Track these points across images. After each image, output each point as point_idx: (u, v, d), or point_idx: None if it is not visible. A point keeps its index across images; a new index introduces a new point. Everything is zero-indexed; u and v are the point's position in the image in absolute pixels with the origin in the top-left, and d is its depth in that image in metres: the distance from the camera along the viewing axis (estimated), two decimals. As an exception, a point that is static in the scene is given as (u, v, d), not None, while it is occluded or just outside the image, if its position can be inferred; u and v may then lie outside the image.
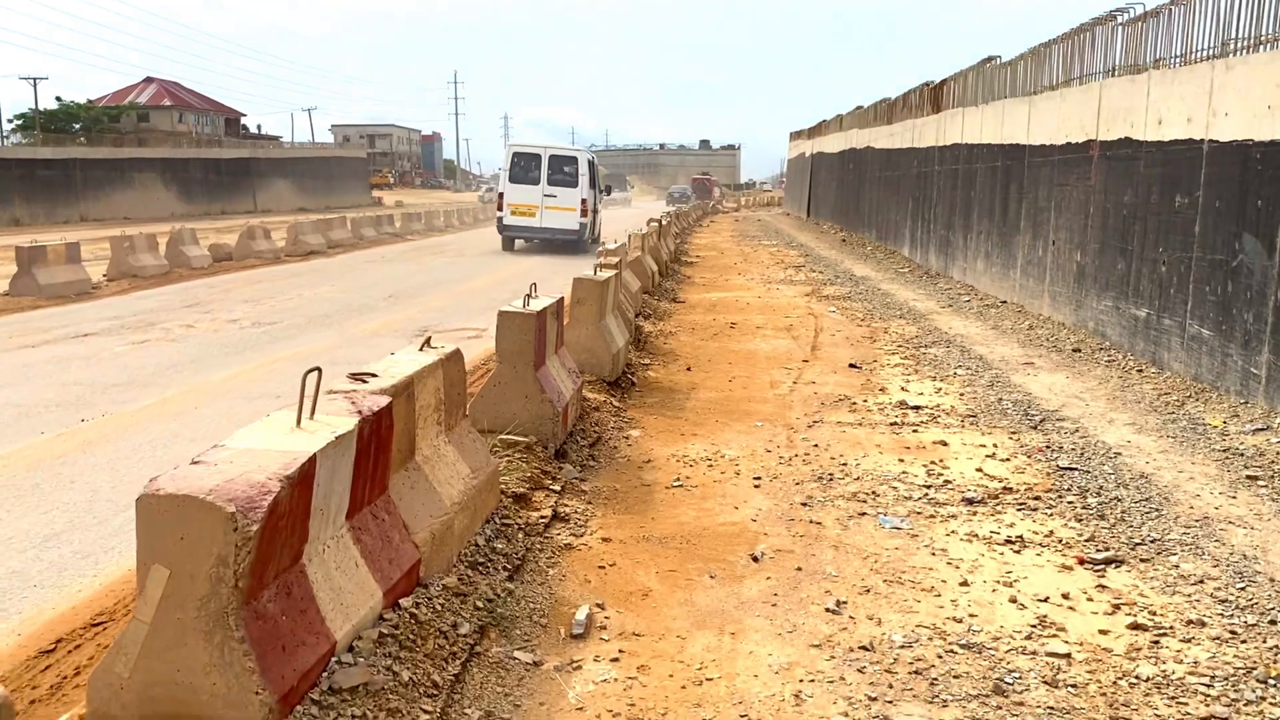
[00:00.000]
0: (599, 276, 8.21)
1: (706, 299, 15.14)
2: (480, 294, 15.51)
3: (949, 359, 10.04)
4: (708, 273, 19.45)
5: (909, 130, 21.81)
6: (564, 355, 6.70)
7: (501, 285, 16.75)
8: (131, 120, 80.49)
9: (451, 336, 11.14)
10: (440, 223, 36.63)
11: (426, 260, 22.33)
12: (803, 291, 16.26)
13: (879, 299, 15.15)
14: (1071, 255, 11.44)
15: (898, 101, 23.72)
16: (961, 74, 17.52)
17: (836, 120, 36.14)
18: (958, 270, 17.13)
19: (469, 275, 18.80)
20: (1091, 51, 11.13)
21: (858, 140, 29.80)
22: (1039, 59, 13.11)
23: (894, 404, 8.04)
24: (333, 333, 11.52)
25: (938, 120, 19.07)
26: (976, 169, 16.07)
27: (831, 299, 15.25)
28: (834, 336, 11.61)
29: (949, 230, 17.86)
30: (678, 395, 8.30)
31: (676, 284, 16.96)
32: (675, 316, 13.14)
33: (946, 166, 18.16)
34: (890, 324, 12.60)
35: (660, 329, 11.81)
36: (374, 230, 29.52)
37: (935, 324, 12.53)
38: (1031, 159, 13.09)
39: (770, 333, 11.84)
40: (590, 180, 24.05)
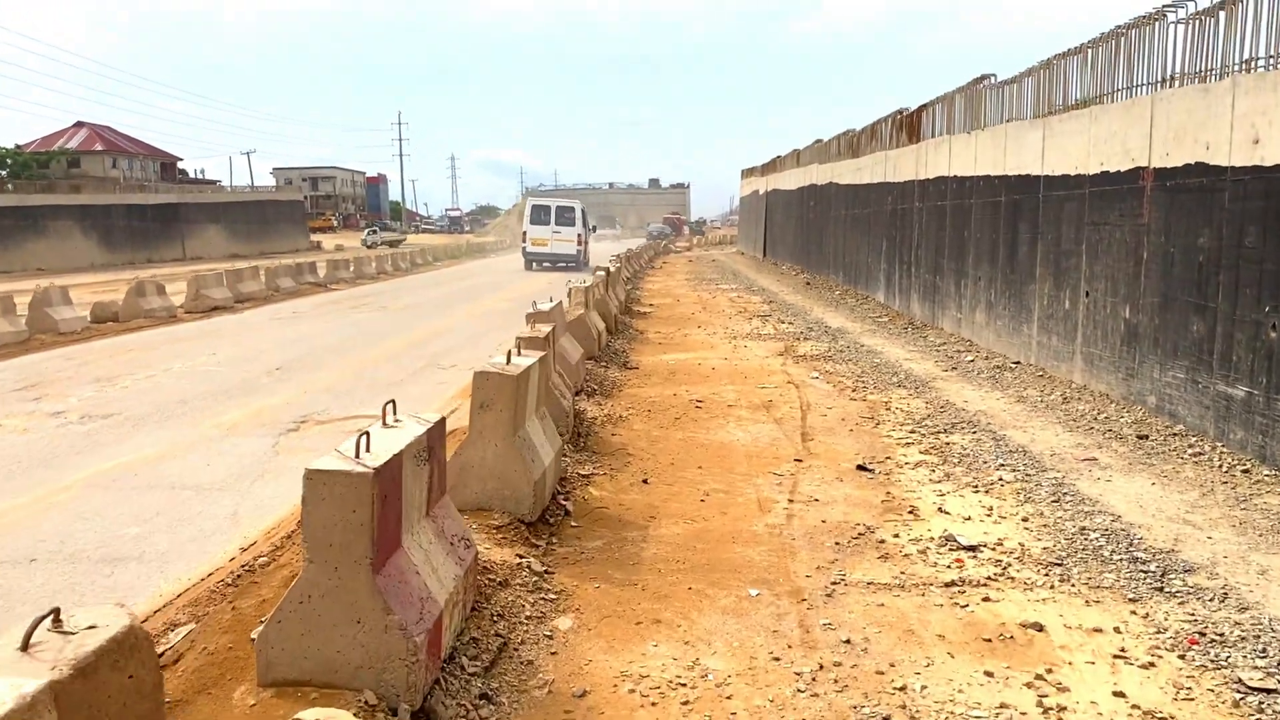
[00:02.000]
0: (513, 367, 5.71)
1: (664, 363, 12.72)
2: (389, 361, 12.93)
3: (983, 452, 7.69)
4: (664, 326, 17.06)
5: (880, 163, 19.75)
6: (442, 514, 4.16)
7: (419, 348, 14.19)
8: (61, 166, 76.91)
9: (331, 432, 8.55)
10: (371, 269, 33.93)
11: (344, 316, 19.67)
12: (775, 349, 13.92)
13: (866, 359, 12.85)
14: (1116, 310, 9.22)
15: (865, 133, 21.72)
16: (946, 97, 15.46)
17: (793, 155, 34.27)
18: (949, 321, 14.94)
19: (386, 334, 16.20)
20: (1132, 60, 8.98)
21: (818, 176, 27.81)
22: (1053, 73, 10.99)
23: (938, 539, 5.64)
24: (177, 430, 8.86)
25: (916, 151, 17.00)
26: (970, 205, 13.93)
27: (810, 360, 12.92)
28: (825, 416, 9.23)
29: (936, 275, 15.69)
30: (631, 534, 5.81)
31: (628, 343, 14.53)
32: (627, 390, 10.69)
33: (930, 203, 16.04)
34: (889, 395, 10.27)
35: (608, 411, 9.33)
36: (293, 280, 26.76)
37: (944, 395, 10.22)
38: (1049, 192, 10.93)
39: (746, 413, 9.42)
40: (583, 222, 35.24)
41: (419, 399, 10.16)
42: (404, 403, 9.85)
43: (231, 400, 10.22)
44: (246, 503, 6.58)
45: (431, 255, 46.56)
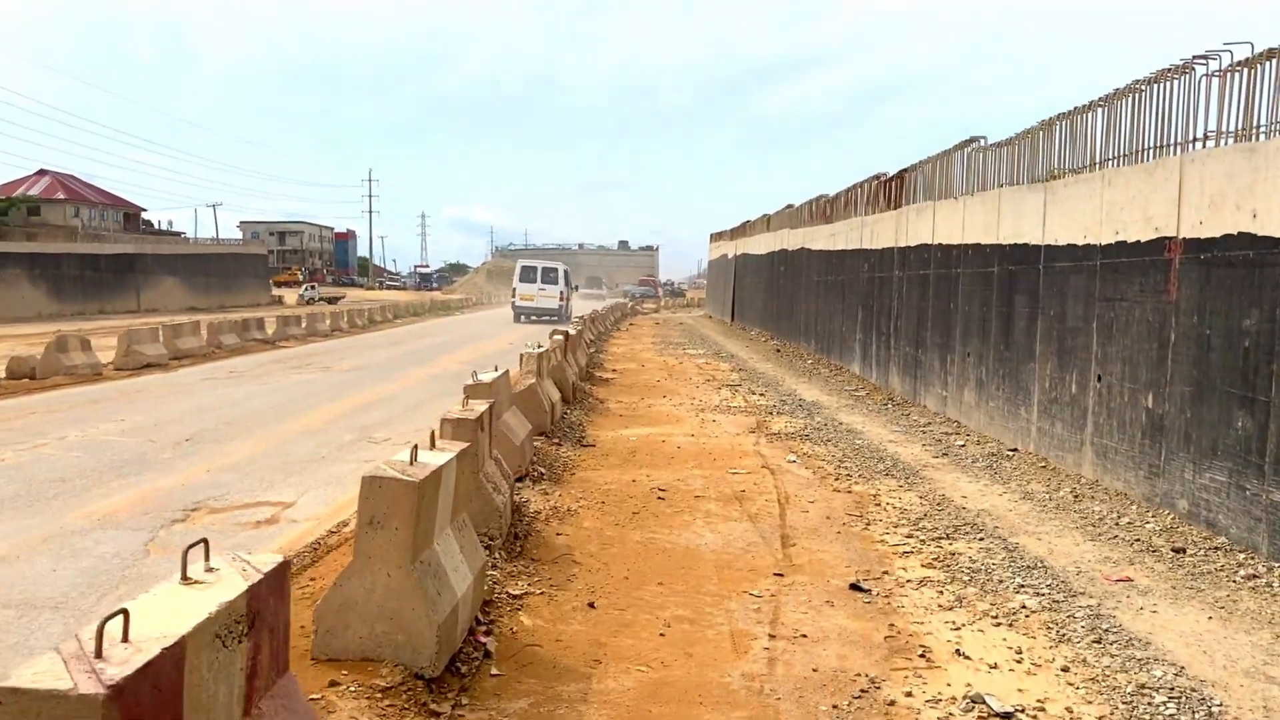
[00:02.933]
0: (418, 468, 4.39)
1: (625, 439, 11.45)
2: (316, 432, 11.55)
3: (996, 567, 6.47)
4: (626, 395, 15.83)
5: (857, 229, 18.85)
6: (276, 709, 2.83)
7: (354, 416, 12.80)
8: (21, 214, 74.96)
9: (224, 523, 7.17)
10: (325, 326, 32.47)
11: (283, 377, 18.24)
12: (746, 425, 12.72)
13: (846, 440, 11.67)
14: (1136, 398, 8.12)
15: (840, 198, 20.88)
16: (929, 161, 14.58)
17: (763, 220, 33.57)
18: (933, 398, 13.84)
19: (322, 399, 14.81)
20: (1162, 116, 8.02)
21: (790, 241, 26.99)
22: (1056, 134, 10.06)
23: (962, 701, 4.38)
24: (36, 519, 7.40)
25: (896, 217, 16.08)
26: (958, 274, 12.94)
27: (785, 439, 11.72)
28: (807, 513, 7.99)
29: (918, 348, 14.65)
30: (567, 689, 4.48)
31: (586, 414, 13.25)
32: (581, 473, 9.39)
33: (912, 271, 15.06)
34: (877, 486, 9.07)
35: (556, 502, 8.03)
36: (237, 337, 25.26)
37: (939, 488, 9.04)
38: (1052, 263, 9.92)
39: (715, 506, 8.16)
40: (566, 281, 41.08)
41: (335, 481, 8.80)
42: (316, 486, 8.41)
43: (119, 479, 8.79)
44: (83, 629, 5.17)
45: (392, 312, 45.15)
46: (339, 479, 8.92)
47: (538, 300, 39.53)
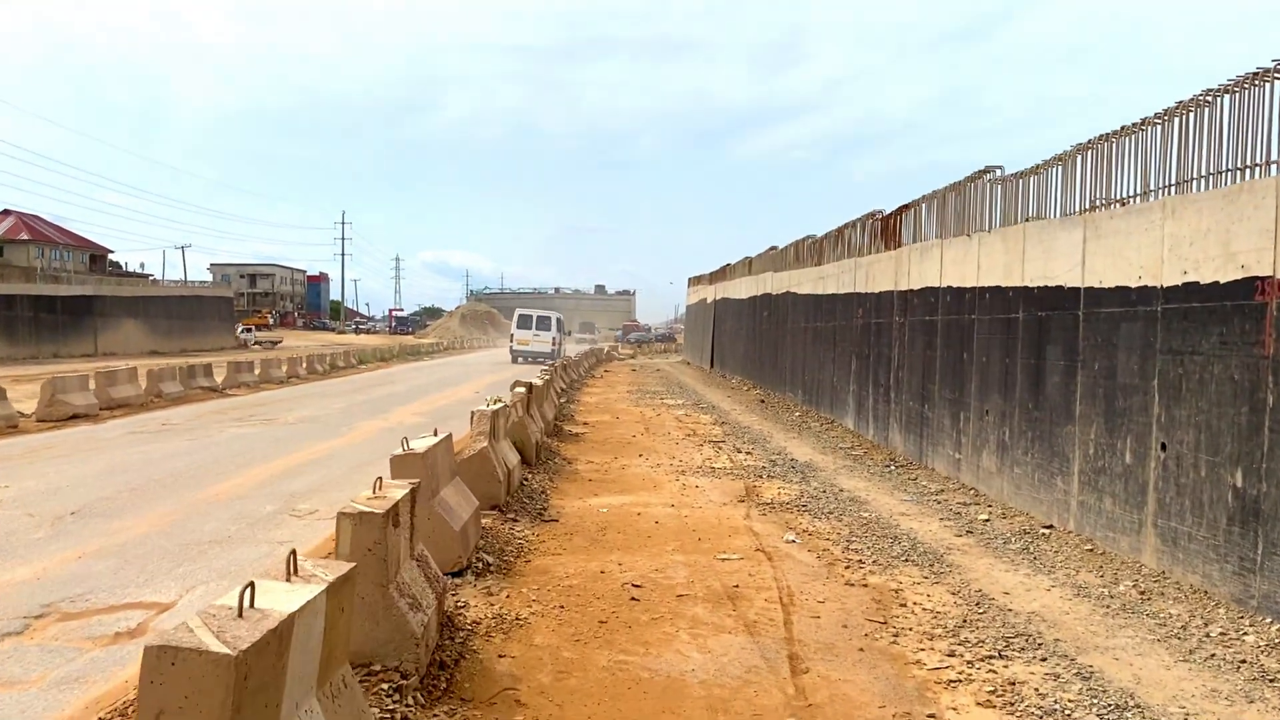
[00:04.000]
0: (244, 628, 2.74)
1: (593, 511, 9.82)
2: (232, 502, 9.83)
3: (1075, 707, 4.88)
4: (599, 453, 14.20)
5: (850, 271, 17.46)
6: None
7: (283, 481, 11.08)
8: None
9: (75, 633, 5.47)
10: (281, 372, 30.65)
11: (219, 431, 16.48)
12: (733, 492, 11.13)
13: (850, 511, 10.10)
14: (1218, 474, 6.62)
15: (830, 238, 19.53)
16: (935, 195, 13.21)
17: (744, 263, 32.28)
18: (943, 460, 12.32)
19: (253, 459, 13.07)
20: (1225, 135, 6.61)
21: (774, 285, 25.62)
22: (1097, 158, 8.67)
23: None
24: None
25: (896, 258, 14.69)
26: (971, 321, 11.49)
27: (780, 509, 10.14)
28: (818, 619, 6.39)
29: (924, 403, 13.16)
30: None
31: (550, 479, 11.61)
32: (538, 560, 7.75)
33: (916, 317, 13.62)
34: (898, 577, 7.49)
35: (501, 608, 6.38)
36: (180, 385, 23.45)
37: (972, 579, 7.47)
38: (1094, 309, 8.47)
39: (703, 610, 6.54)
40: (558, 327, 44.81)
41: (233, 571, 7.11)
42: (208, 580, 6.68)
43: (-42, 571, 7.05)
44: None
45: (357, 358, 43.34)
46: (239, 569, 7.24)
47: (532, 344, 43.82)
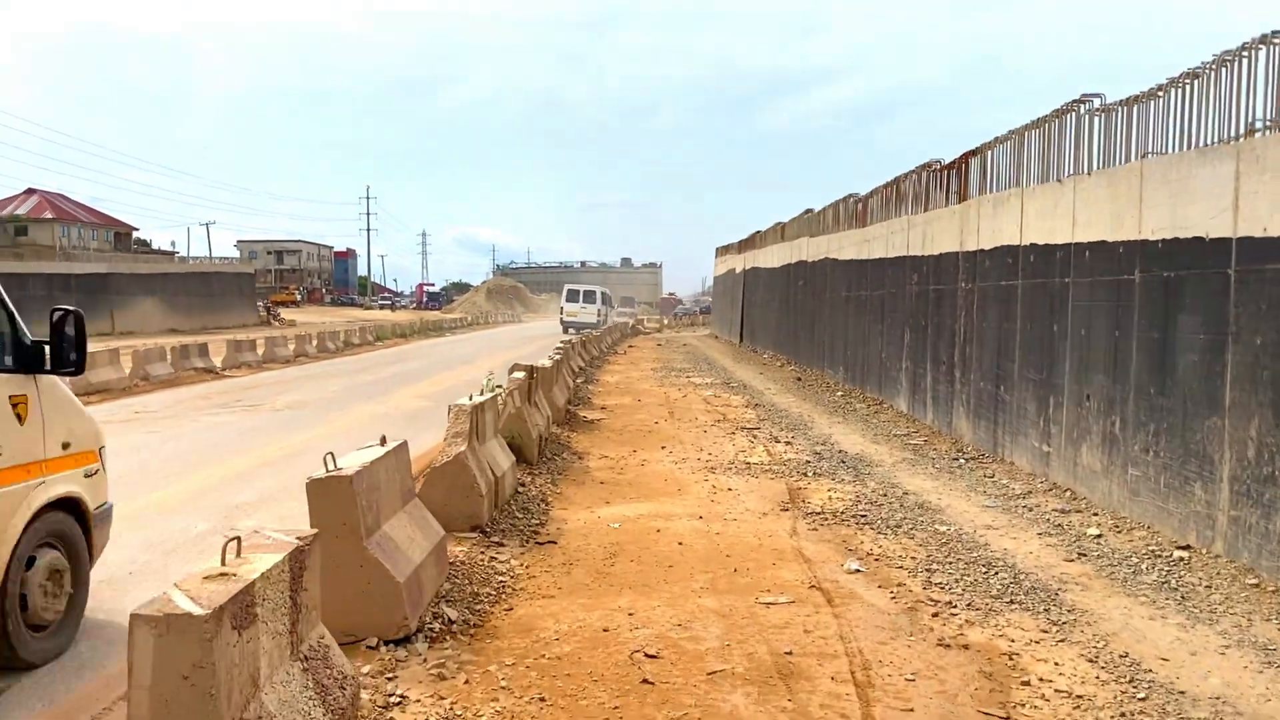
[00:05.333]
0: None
1: (601, 528, 7.88)
2: (154, 521, 7.98)
3: None
4: (615, 445, 12.25)
5: (901, 232, 15.31)
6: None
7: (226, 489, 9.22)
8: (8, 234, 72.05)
9: None
10: (288, 350, 28.95)
11: (188, 421, 14.70)
12: (775, 495, 9.15)
13: (922, 524, 8.10)
14: None
15: (877, 196, 17.36)
16: (1013, 135, 11.03)
17: (776, 230, 30.09)
18: (1025, 453, 10.26)
19: (208, 457, 11.24)
20: None
21: (810, 250, 23.47)
22: (1268, 65, 6.51)
23: None
24: None
25: (960, 214, 12.55)
26: (1066, 285, 9.39)
27: (834, 521, 8.15)
28: (910, 713, 4.42)
29: (998, 384, 11.08)
30: None
31: (554, 480, 9.68)
32: (520, 610, 5.82)
33: (989, 282, 11.51)
34: (1007, 632, 5.51)
35: (454, 708, 4.45)
36: (170, 366, 21.77)
37: (1110, 636, 5.46)
38: (1252, 265, 6.37)
39: (745, 701, 4.57)
40: (603, 300, 51.62)
41: (100, 632, 5.26)
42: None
43: None
44: None
45: (374, 334, 41.64)
46: (110, 631, 5.38)
47: (580, 316, 48.62)
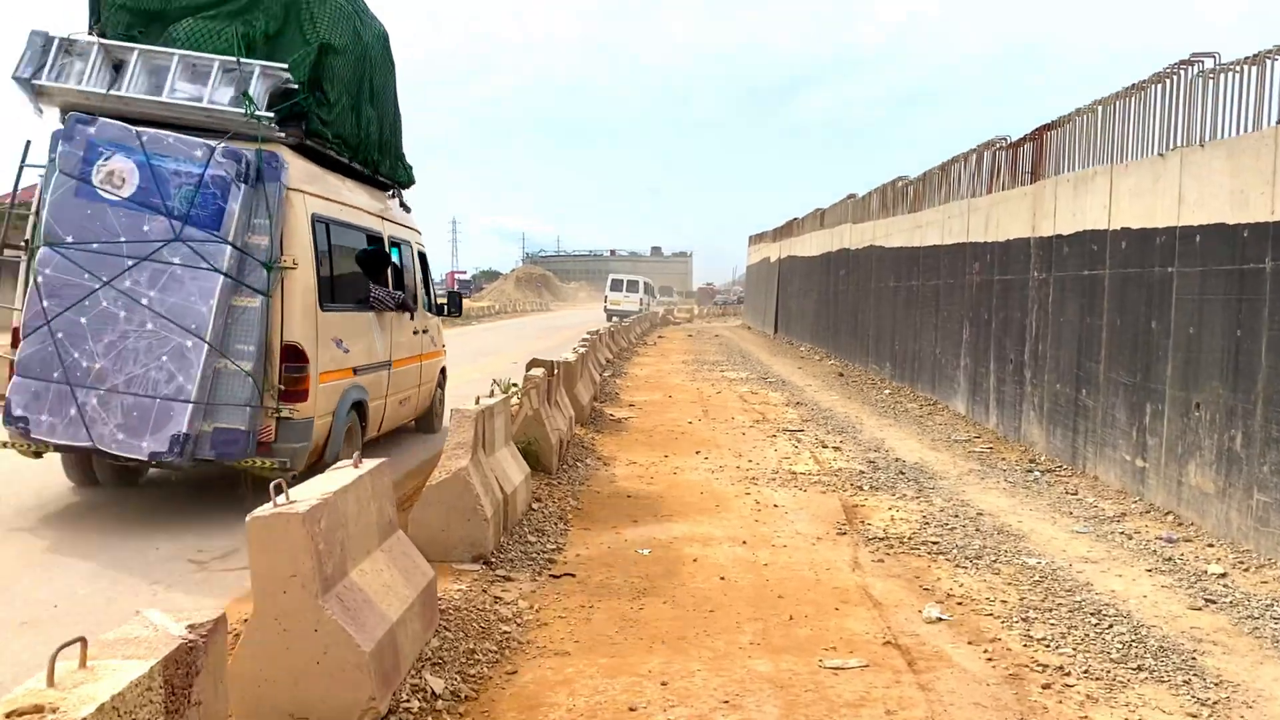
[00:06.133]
0: None
1: (627, 555, 6.73)
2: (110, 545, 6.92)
3: None
4: (643, 451, 11.10)
5: (960, 217, 14.00)
6: None
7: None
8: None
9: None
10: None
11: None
12: (828, 514, 7.95)
13: (1006, 554, 6.87)
14: None
15: (930, 179, 16.03)
16: (1101, 104, 9.70)
17: (814, 216, 28.75)
18: (1114, 467, 8.98)
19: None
20: None
21: (852, 238, 22.15)
22: None
23: None
24: None
25: (1033, 195, 11.24)
26: (1169, 277, 8.09)
27: (901, 549, 6.94)
28: None
29: (1079, 387, 9.79)
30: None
31: (573, 494, 8.53)
32: (525, 675, 4.67)
33: (1067, 271, 10.21)
34: (1134, 705, 4.32)
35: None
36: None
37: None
38: None
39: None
40: (645, 289, 56.39)
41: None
42: None
43: None
44: None
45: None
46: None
47: (623, 304, 51.73)
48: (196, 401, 6.67)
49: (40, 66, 7.13)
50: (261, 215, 6.95)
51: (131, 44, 7.32)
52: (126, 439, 6.66)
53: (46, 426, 6.67)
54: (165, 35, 7.46)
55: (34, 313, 6.73)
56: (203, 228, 6.79)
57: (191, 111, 7.13)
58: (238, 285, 6.85)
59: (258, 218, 6.95)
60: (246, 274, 6.89)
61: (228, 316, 6.81)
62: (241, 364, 6.81)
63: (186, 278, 6.77)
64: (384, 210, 9.73)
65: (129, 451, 6.69)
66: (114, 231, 6.79)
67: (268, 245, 6.94)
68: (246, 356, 6.83)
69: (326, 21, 7.83)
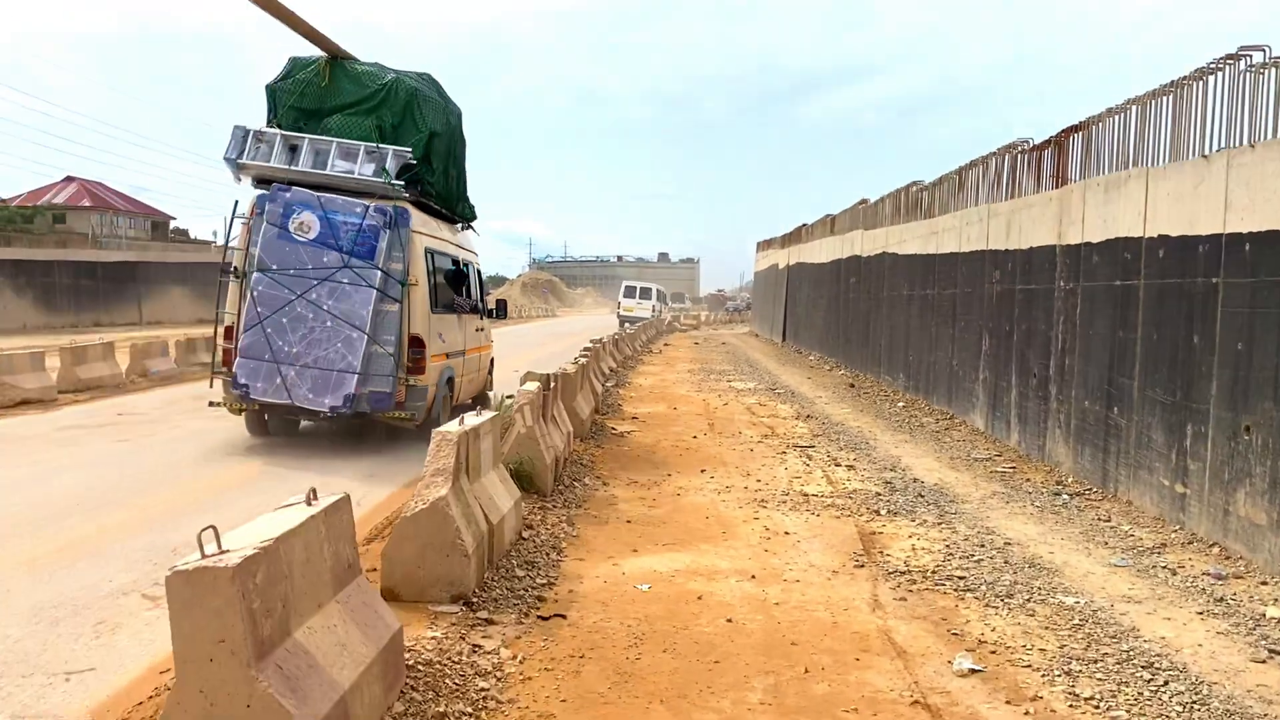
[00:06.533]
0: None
1: (624, 592, 6.14)
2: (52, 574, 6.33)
3: None
4: (645, 470, 10.51)
5: (979, 223, 13.40)
6: None
7: (167, 524, 7.58)
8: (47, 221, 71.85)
9: None
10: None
11: (166, 429, 13.18)
12: (844, 545, 7.34)
13: (1040, 592, 6.26)
14: None
15: (947, 184, 15.43)
16: (1135, 103, 9.10)
17: (824, 222, 28.16)
18: (1151, 492, 8.36)
19: (161, 480, 9.67)
20: None
21: (864, 245, 21.55)
22: None
23: None
24: None
25: (1059, 200, 10.64)
26: (1214, 288, 7.47)
27: (924, 587, 6.34)
28: None
29: (1109, 404, 9.17)
30: None
31: (568, 519, 7.94)
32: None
33: (1097, 281, 9.60)
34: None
35: None
36: (174, 363, 20.32)
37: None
38: None
39: None
40: (657, 296, 56.77)
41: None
42: None
43: None
44: None
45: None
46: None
47: (636, 311, 52.27)
48: (360, 373, 9.95)
49: (241, 151, 10.47)
50: (397, 249, 10.22)
51: (301, 134, 10.65)
52: (314, 398, 9.94)
53: (260, 390, 9.94)
54: (322, 126, 10.83)
55: (251, 316, 9.99)
56: (361, 259, 10.07)
57: (347, 180, 10.44)
58: (383, 296, 10.12)
59: (395, 251, 10.20)
60: (389, 289, 10.15)
61: (377, 317, 10.06)
62: (387, 348, 10.11)
63: (352, 291, 10.05)
64: (459, 240, 13.04)
65: (316, 406, 9.97)
66: (303, 262, 10.06)
67: (401, 269, 10.22)
68: (389, 343, 10.12)
69: (430, 115, 11.21)
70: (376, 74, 11.09)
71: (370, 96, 10.90)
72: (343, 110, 10.88)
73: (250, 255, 10.09)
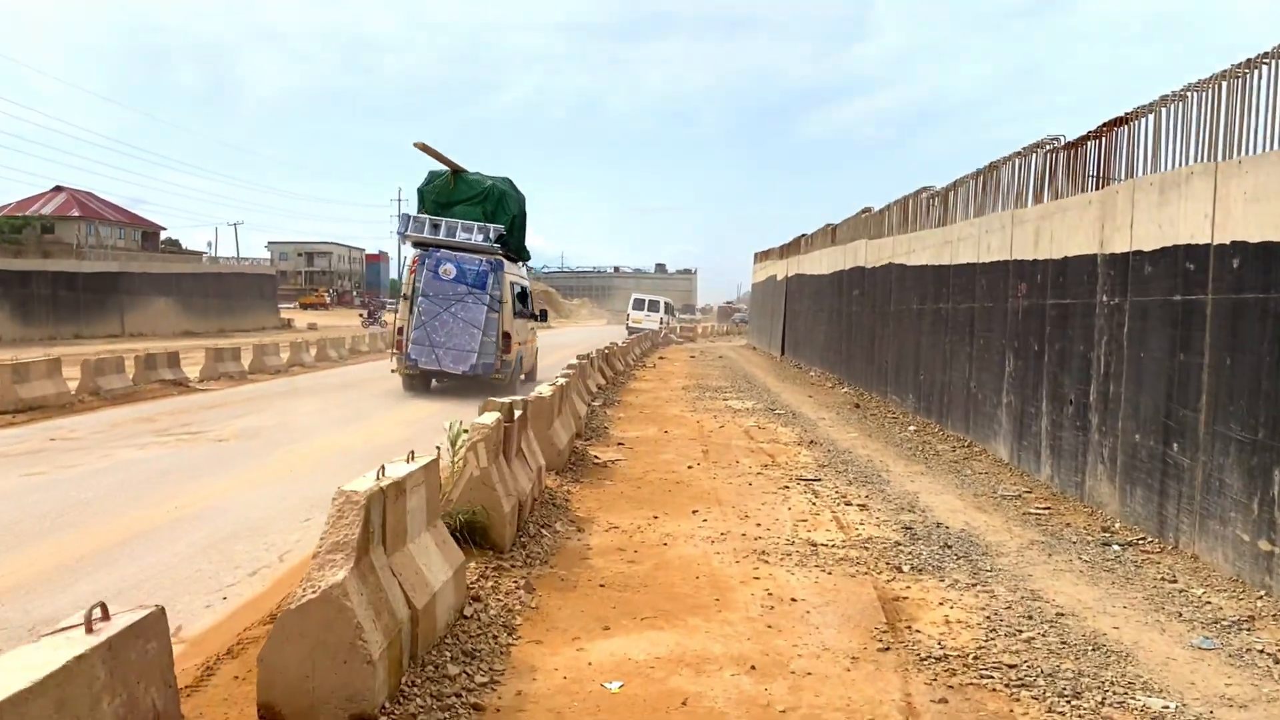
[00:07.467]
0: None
1: (592, 687, 4.80)
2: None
3: None
4: (628, 511, 9.16)
5: (1001, 230, 12.09)
6: None
7: (69, 574, 6.23)
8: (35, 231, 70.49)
9: None
10: (279, 359, 26.09)
11: (100, 455, 11.80)
12: (863, 618, 6.01)
13: (1114, 690, 4.92)
14: None
15: (962, 188, 14.12)
16: (1193, 90, 7.80)
17: (825, 232, 26.88)
18: (1226, 547, 7.02)
19: (83, 517, 8.32)
20: None
21: (869, 255, 20.24)
22: None
23: None
24: None
25: (1100, 203, 9.33)
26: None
27: (967, 681, 5.00)
28: None
29: (1167, 440, 7.84)
30: None
31: (526, 584, 6.60)
32: None
33: (1150, 296, 8.28)
34: None
35: None
36: (129, 380, 18.98)
37: None
38: None
39: None
40: (665, 309, 59.31)
41: None
42: None
43: None
44: None
45: (385, 340, 38.89)
46: None
47: (644, 322, 55.04)
48: (479, 352, 17.52)
49: (406, 228, 18.35)
50: (496, 284, 17.76)
51: (439, 217, 18.45)
52: (455, 365, 17.52)
53: (424, 361, 17.55)
54: (450, 211, 18.68)
55: (418, 321, 17.57)
56: (480, 289, 17.61)
57: (468, 244, 18.08)
58: (490, 310, 17.64)
59: (495, 284, 17.73)
60: (493, 305, 17.65)
61: (487, 321, 17.59)
62: (491, 339, 17.62)
63: (473, 306, 17.57)
64: (521, 273, 20.62)
65: (455, 370, 17.60)
66: (446, 291, 17.60)
67: (499, 295, 17.77)
68: (494, 336, 17.64)
69: (511, 204, 19.35)
70: (480, 181, 19.16)
71: (478, 195, 18.94)
72: (462, 203, 18.86)
73: (415, 287, 17.62)
